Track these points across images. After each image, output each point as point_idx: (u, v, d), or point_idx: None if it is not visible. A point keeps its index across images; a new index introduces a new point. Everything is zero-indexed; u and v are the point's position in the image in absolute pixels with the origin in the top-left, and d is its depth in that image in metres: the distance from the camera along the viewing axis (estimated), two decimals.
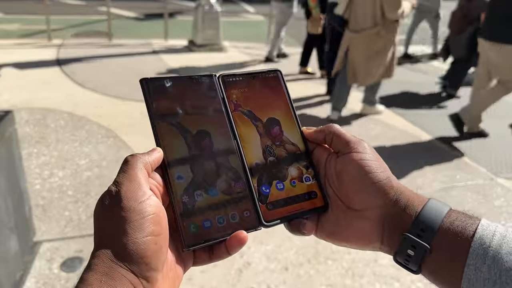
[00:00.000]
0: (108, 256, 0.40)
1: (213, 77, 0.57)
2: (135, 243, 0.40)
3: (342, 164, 0.53)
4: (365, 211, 0.51)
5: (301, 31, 10.00)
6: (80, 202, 2.81)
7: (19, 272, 2.16)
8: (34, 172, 3.12)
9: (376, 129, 4.58)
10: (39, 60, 6.00)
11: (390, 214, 0.50)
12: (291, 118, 0.59)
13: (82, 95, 4.78)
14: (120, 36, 7.90)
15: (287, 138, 0.57)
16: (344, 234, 0.52)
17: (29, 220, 2.36)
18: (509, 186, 3.59)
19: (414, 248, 0.47)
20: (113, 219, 0.41)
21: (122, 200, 0.42)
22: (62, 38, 7.41)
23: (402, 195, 0.50)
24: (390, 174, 0.52)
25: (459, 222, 0.47)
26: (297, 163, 0.56)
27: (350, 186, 0.52)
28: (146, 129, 3.25)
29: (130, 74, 5.66)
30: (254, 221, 0.52)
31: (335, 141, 0.55)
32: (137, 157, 0.47)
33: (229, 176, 0.52)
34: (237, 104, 0.56)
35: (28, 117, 4.07)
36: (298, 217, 0.54)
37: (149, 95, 0.53)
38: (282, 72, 0.62)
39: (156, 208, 0.43)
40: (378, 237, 0.51)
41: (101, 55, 6.53)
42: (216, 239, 0.49)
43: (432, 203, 0.49)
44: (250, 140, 0.55)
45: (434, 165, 3.83)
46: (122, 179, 0.44)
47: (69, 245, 2.40)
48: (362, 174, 0.51)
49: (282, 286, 2.24)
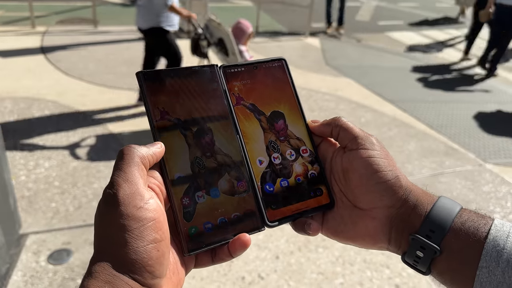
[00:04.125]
0: (109, 264, 0.38)
1: (215, 67, 0.53)
2: (136, 252, 0.38)
3: (348, 161, 0.51)
4: (372, 211, 0.49)
5: (291, 17, 9.91)
6: (67, 193, 2.76)
7: (5, 265, 2.12)
8: (19, 163, 3.05)
9: (366, 116, 4.58)
10: (23, 48, 5.85)
11: (398, 214, 0.48)
12: (296, 110, 0.56)
13: (67, 84, 4.68)
14: (105, 22, 7.74)
15: (292, 132, 0.54)
16: (350, 233, 0.51)
17: (14, 212, 2.31)
18: (498, 171, 3.62)
19: (423, 249, 0.45)
20: (112, 226, 0.39)
21: (119, 206, 0.39)
22: (46, 25, 7.23)
23: (411, 194, 0.48)
24: (399, 172, 0.49)
25: (471, 222, 0.44)
26: (302, 158, 0.54)
27: (356, 185, 0.50)
28: (133, 118, 3.17)
29: (116, 62, 5.56)
30: (258, 222, 0.49)
31: (342, 135, 0.52)
32: (134, 150, 0.43)
33: (231, 175, 0.50)
34: (240, 97, 0.53)
35: (12, 106, 3.97)
36: (303, 216, 0.51)
37: (146, 89, 0.49)
38: (286, 60, 0.58)
39: (156, 213, 0.41)
40: (385, 237, 0.49)
41: (87, 42, 6.39)
42: (218, 242, 0.47)
43: (442, 202, 0.47)
44: (253, 136, 0.52)
45: (423, 151, 3.84)
46: (118, 179, 0.41)
47: (56, 237, 2.36)
48: (369, 172, 0.48)
49: (273, 274, 2.23)
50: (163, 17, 3.86)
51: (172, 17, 3.93)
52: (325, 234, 0.53)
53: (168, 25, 3.94)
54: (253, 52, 6.65)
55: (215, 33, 3.81)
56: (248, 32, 3.96)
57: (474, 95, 5.61)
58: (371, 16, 11.10)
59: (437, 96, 5.39)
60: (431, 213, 0.46)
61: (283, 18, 9.92)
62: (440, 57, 7.57)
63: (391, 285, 2.23)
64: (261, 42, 7.40)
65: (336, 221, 0.52)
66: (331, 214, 0.52)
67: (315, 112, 4.53)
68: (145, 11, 3.87)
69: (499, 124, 4.75)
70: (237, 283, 2.15)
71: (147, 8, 3.84)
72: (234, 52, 3.68)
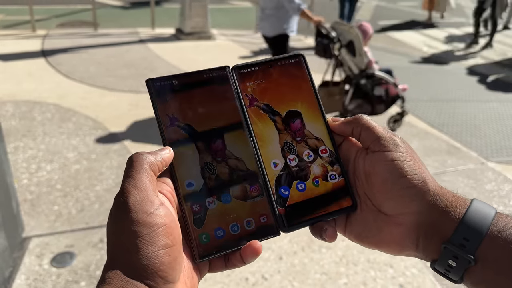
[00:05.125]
0: (122, 271, 0.38)
1: (226, 69, 0.52)
2: (148, 258, 0.38)
3: (371, 164, 0.48)
4: (398, 217, 0.46)
5: None
6: (70, 196, 2.76)
7: (9, 269, 2.12)
8: (21, 166, 3.05)
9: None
10: (24, 51, 5.86)
11: (426, 221, 0.44)
12: (315, 109, 0.53)
13: (68, 86, 4.68)
14: (106, 25, 7.75)
15: (309, 132, 0.52)
16: (374, 238, 0.48)
17: (17, 215, 2.31)
18: (500, 170, 3.61)
19: (456, 258, 0.42)
20: (123, 233, 0.39)
21: (130, 213, 0.39)
22: (47, 29, 7.25)
23: (440, 199, 0.45)
24: (425, 176, 0.46)
25: (509, 229, 0.41)
26: (321, 159, 0.51)
27: (379, 190, 0.47)
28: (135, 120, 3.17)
29: (117, 64, 5.56)
30: (272, 227, 0.48)
31: (364, 136, 0.49)
32: (143, 157, 0.43)
33: (244, 179, 0.48)
34: (253, 98, 0.51)
35: (14, 110, 3.98)
36: (323, 219, 0.49)
37: (155, 97, 0.48)
38: (305, 56, 0.55)
39: (166, 218, 0.41)
40: (412, 244, 0.46)
41: (87, 45, 6.40)
42: (229, 248, 0.46)
43: (475, 206, 0.44)
44: (267, 138, 0.50)
45: (425, 150, 3.84)
46: (128, 187, 0.41)
47: (59, 240, 2.36)
48: (394, 177, 0.45)
49: (277, 275, 2.23)
50: (288, 24, 4.07)
51: (293, 22, 4.12)
52: (349, 238, 0.50)
53: (291, 31, 4.15)
54: (253, 52, 6.66)
55: (346, 36, 3.95)
56: (370, 33, 4.10)
57: (475, 94, 5.61)
58: (371, 15, 11.10)
59: (438, 95, 5.38)
60: (464, 220, 0.43)
61: None
62: (439, 56, 7.57)
63: (395, 284, 2.22)
64: (261, 42, 7.39)
65: (360, 225, 0.49)
66: (354, 217, 0.49)
67: None
68: (273, 19, 4.05)
69: (501, 122, 4.74)
70: (241, 284, 2.15)
71: (275, 16, 4.03)
72: (361, 53, 3.82)
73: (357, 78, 3.90)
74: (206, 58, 6.17)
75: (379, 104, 3.97)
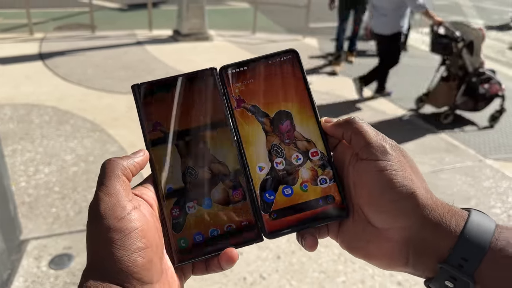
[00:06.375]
0: (98, 276, 0.38)
1: (213, 71, 0.50)
2: (121, 262, 0.38)
3: (358, 173, 0.45)
4: (388, 231, 0.43)
5: (290, 19, 9.93)
6: (67, 198, 2.76)
7: (7, 271, 2.12)
8: (19, 169, 3.06)
9: (365, 114, 4.58)
10: (21, 54, 5.86)
11: (417, 237, 0.41)
12: (307, 108, 0.50)
13: (66, 89, 4.68)
14: (103, 27, 7.75)
15: (299, 133, 0.49)
16: (363, 250, 0.45)
17: (14, 218, 2.31)
18: (498, 167, 3.62)
19: (454, 280, 0.39)
20: (97, 239, 0.40)
21: (102, 219, 0.40)
22: (44, 32, 7.25)
23: (433, 213, 0.41)
24: (416, 187, 0.42)
25: (511, 246, 0.38)
26: (311, 162, 0.48)
27: (367, 202, 0.44)
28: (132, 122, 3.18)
29: (114, 67, 5.56)
30: (254, 233, 0.47)
31: (354, 141, 0.46)
32: (114, 163, 0.43)
33: (226, 183, 0.47)
34: (240, 99, 0.49)
35: (12, 113, 3.98)
36: (310, 226, 0.47)
37: (140, 102, 0.49)
38: (298, 52, 0.52)
39: (139, 222, 0.41)
40: (401, 259, 0.43)
41: (85, 47, 6.40)
42: (208, 254, 0.46)
43: (474, 220, 0.40)
44: (253, 141, 0.48)
45: (423, 148, 3.84)
46: (99, 194, 0.41)
47: (57, 242, 2.36)
48: (380, 189, 0.42)
49: (275, 274, 2.23)
50: (403, 22, 4.50)
51: (406, 21, 4.56)
52: (341, 246, 0.48)
53: (405, 28, 4.63)
54: (251, 52, 6.66)
55: (468, 36, 4.20)
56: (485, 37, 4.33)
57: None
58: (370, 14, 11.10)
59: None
60: (462, 238, 0.39)
61: (280, 19, 9.94)
62: None
63: (393, 282, 2.23)
64: (258, 43, 7.41)
65: (351, 235, 0.46)
66: (346, 226, 0.47)
67: None
68: (389, 18, 4.49)
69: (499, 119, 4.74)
70: (239, 284, 2.15)
71: (393, 15, 4.46)
72: (478, 53, 4.14)
73: (470, 76, 4.20)
74: (203, 59, 6.18)
75: (481, 101, 4.28)
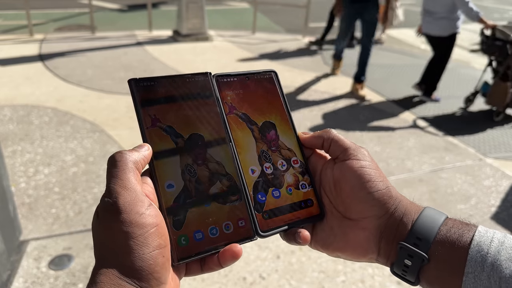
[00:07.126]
0: (114, 273, 0.37)
1: (208, 75, 0.53)
2: (142, 259, 0.38)
3: (340, 171, 0.51)
4: (362, 221, 0.49)
5: (289, 18, 9.93)
6: (67, 198, 2.76)
7: (7, 272, 2.12)
8: (19, 170, 3.06)
9: (365, 114, 4.58)
10: (21, 55, 5.86)
11: (387, 225, 0.48)
12: (286, 122, 0.56)
13: (66, 90, 4.69)
14: (103, 28, 7.75)
15: (282, 143, 0.55)
16: (339, 244, 0.51)
17: (14, 219, 2.31)
18: (498, 166, 3.61)
19: (411, 257, 0.45)
20: (114, 235, 0.38)
21: (121, 214, 0.39)
22: (44, 33, 7.25)
23: (400, 205, 0.49)
24: (389, 183, 0.50)
25: (455, 229, 0.45)
26: (293, 169, 0.54)
27: (348, 195, 0.50)
28: (132, 123, 3.17)
29: (114, 67, 5.57)
30: (250, 231, 0.49)
31: (334, 147, 0.52)
32: (126, 156, 0.43)
33: (223, 183, 0.49)
34: (232, 106, 0.53)
35: (11, 114, 3.98)
36: (295, 226, 0.51)
37: (137, 97, 0.49)
38: (277, 73, 0.59)
39: (157, 218, 0.41)
40: (374, 248, 0.49)
41: (84, 48, 6.41)
42: (208, 251, 0.46)
43: (428, 211, 0.48)
44: (245, 145, 0.52)
45: (423, 147, 3.84)
46: (116, 187, 0.40)
47: (57, 243, 2.36)
48: (361, 182, 0.49)
49: (274, 274, 2.23)
50: (459, 23, 4.73)
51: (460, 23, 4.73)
52: (314, 247, 0.53)
53: (459, 29, 4.80)
54: (251, 52, 6.67)
55: None
56: None
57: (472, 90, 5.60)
58: None
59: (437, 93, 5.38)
60: (417, 222, 0.46)
61: (280, 19, 9.94)
62: None
63: (392, 282, 2.22)
64: (258, 43, 7.41)
65: (326, 232, 0.52)
66: (320, 226, 0.52)
67: (314, 112, 4.53)
68: (445, 21, 4.68)
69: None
70: (239, 284, 2.15)
71: (448, 18, 4.67)
72: None
73: None
74: (203, 59, 6.18)
75: None
